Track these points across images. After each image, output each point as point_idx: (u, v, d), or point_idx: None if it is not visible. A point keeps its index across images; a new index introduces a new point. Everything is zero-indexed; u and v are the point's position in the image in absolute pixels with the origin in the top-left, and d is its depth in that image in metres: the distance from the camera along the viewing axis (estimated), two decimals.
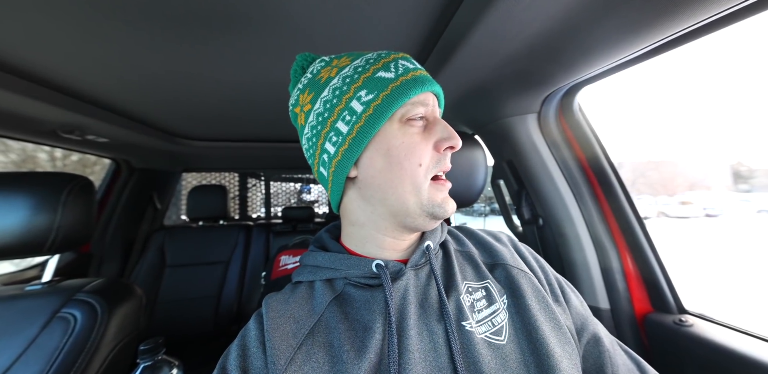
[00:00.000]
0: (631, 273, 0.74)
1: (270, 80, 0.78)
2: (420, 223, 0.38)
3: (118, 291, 0.71)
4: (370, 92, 0.36)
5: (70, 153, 2.21)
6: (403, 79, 0.36)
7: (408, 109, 0.37)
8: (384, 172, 0.37)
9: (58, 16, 0.49)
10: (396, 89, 0.36)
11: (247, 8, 0.49)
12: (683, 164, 56.26)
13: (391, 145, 0.37)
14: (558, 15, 0.46)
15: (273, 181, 3.18)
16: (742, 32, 15.77)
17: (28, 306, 0.62)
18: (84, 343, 0.60)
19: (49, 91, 0.76)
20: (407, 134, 0.37)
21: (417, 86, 0.37)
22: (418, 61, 0.51)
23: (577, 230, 0.79)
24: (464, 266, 0.43)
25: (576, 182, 0.79)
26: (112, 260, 1.48)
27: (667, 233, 11.25)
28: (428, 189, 0.38)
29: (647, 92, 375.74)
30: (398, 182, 0.37)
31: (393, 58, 0.38)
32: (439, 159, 0.38)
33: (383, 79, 0.36)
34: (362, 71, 0.37)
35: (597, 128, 0.77)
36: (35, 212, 0.63)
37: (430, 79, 0.39)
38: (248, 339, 0.35)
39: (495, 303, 0.39)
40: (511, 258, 0.44)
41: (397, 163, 0.36)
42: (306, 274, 0.42)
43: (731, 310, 4.17)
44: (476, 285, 0.40)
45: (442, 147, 0.38)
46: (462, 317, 0.36)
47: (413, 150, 0.37)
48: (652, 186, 34.56)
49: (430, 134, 0.38)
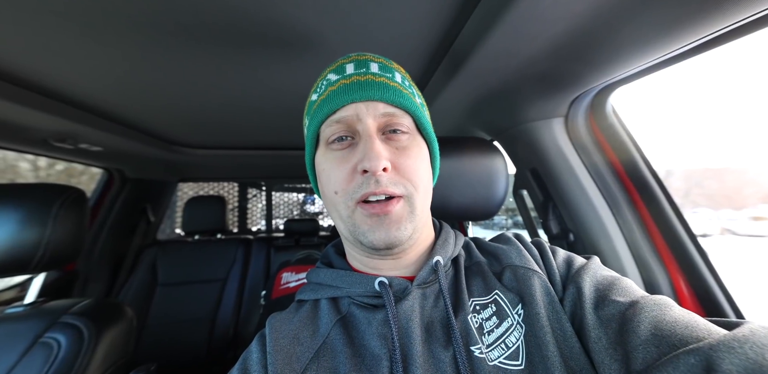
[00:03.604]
0: (685, 297, 0.71)
1: (272, 87, 0.82)
2: (367, 250, 0.40)
3: (108, 313, 0.73)
4: (307, 118, 0.42)
5: (55, 163, 2.32)
6: (321, 99, 0.39)
7: (325, 131, 0.39)
8: (322, 196, 0.42)
9: (54, 23, 0.53)
10: (315, 112, 0.40)
11: (246, 17, 0.52)
12: (753, 171, 53.31)
13: (319, 170, 0.41)
14: (587, 12, 0.46)
15: (274, 191, 3.24)
16: None
17: (8, 330, 0.63)
18: (67, 372, 0.61)
19: (41, 98, 0.79)
20: (327, 160, 0.39)
21: (328, 103, 0.38)
22: (431, 65, 0.53)
23: (614, 246, 0.77)
24: (472, 280, 0.43)
25: (611, 191, 0.78)
26: (99, 279, 1.52)
27: (737, 254, 10.55)
28: (352, 215, 0.38)
29: (700, 89, 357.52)
30: (330, 209, 0.41)
31: (326, 72, 0.42)
32: (361, 183, 0.36)
33: (311, 103, 0.42)
34: (310, 95, 0.44)
35: (637, 132, 0.76)
36: (23, 227, 0.64)
37: (356, 86, 0.38)
38: (250, 363, 0.36)
39: (507, 318, 0.38)
40: (518, 257, 0.43)
41: (321, 189, 0.41)
42: (309, 292, 0.43)
43: None
44: (484, 301, 0.40)
45: (359, 170, 0.36)
46: (470, 341, 0.36)
47: (329, 177, 0.39)
48: (711, 198, 32.92)
49: (353, 154, 0.37)
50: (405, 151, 0.38)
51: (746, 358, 0.23)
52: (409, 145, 0.39)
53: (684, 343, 0.27)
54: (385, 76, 0.40)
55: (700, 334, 0.28)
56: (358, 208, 0.37)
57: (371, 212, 0.36)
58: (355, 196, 0.36)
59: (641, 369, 0.28)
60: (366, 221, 0.37)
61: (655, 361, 0.28)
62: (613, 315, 0.33)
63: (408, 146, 0.39)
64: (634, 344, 0.30)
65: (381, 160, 0.35)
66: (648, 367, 0.28)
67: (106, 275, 1.56)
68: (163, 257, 1.63)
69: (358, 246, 0.40)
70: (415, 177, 0.38)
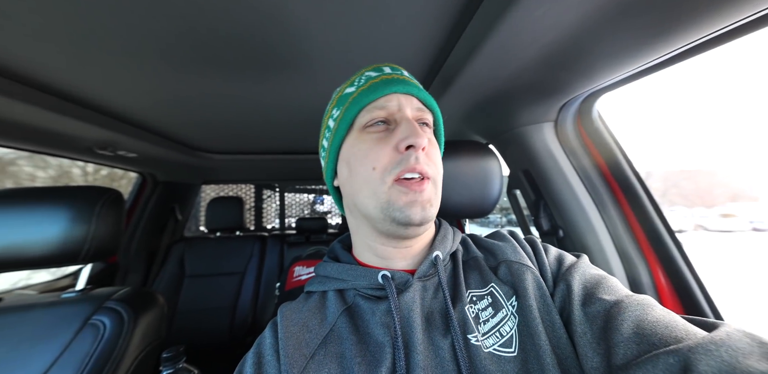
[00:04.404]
0: (663, 288, 0.71)
1: (284, 100, 0.85)
2: (392, 229, 0.38)
3: (143, 299, 0.75)
4: (338, 109, 0.41)
5: (100, 168, 2.40)
6: (361, 90, 0.40)
7: (364, 116, 0.39)
8: (348, 180, 0.40)
9: (98, 47, 0.56)
10: (353, 101, 0.40)
11: (269, 40, 0.55)
12: (723, 173, 52.82)
13: (350, 153, 0.40)
14: (573, 24, 0.46)
15: (287, 192, 3.25)
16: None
17: (64, 312, 0.67)
18: (112, 350, 0.64)
19: (87, 111, 0.83)
20: (364, 141, 0.39)
21: (372, 93, 0.39)
22: (429, 75, 0.54)
23: (600, 241, 0.76)
24: (469, 273, 0.42)
25: (597, 191, 0.77)
26: (136, 271, 1.56)
27: (708, 248, 10.47)
28: (388, 192, 0.37)
29: (678, 96, 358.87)
30: (358, 189, 0.39)
31: (363, 72, 0.43)
32: (400, 160, 0.37)
33: (347, 94, 0.41)
34: (338, 91, 0.43)
35: (621, 135, 0.76)
36: (72, 224, 0.68)
37: (398, 81, 0.39)
38: (263, 347, 0.36)
39: (501, 309, 0.37)
40: (513, 253, 0.43)
41: (354, 169, 0.39)
42: (317, 284, 0.43)
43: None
44: (480, 293, 0.40)
45: (401, 147, 0.37)
46: (467, 329, 0.35)
47: (366, 155, 0.38)
48: (686, 197, 32.64)
49: (392, 135, 0.38)
50: (430, 141, 0.41)
51: (722, 361, 0.23)
52: (431, 138, 0.42)
53: (663, 343, 0.27)
54: (415, 80, 0.43)
55: (678, 334, 0.27)
56: (394, 185, 0.37)
57: (410, 188, 0.36)
58: (395, 171, 0.36)
59: (621, 364, 0.28)
60: (402, 197, 0.36)
61: (635, 358, 0.28)
62: (598, 313, 0.33)
63: (431, 139, 0.42)
64: (616, 340, 0.30)
65: (424, 137, 0.36)
66: (628, 363, 0.28)
67: (142, 267, 1.59)
68: (190, 252, 1.65)
69: (387, 225, 0.38)
70: (439, 164, 0.41)
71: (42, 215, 0.66)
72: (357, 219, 0.42)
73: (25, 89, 0.67)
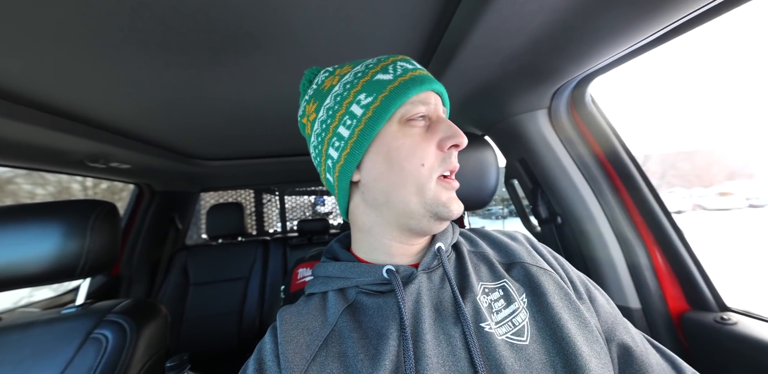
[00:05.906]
0: (661, 270, 0.71)
1: (277, 96, 0.81)
2: (425, 225, 0.38)
3: (145, 311, 0.74)
4: (369, 95, 0.37)
5: (100, 182, 2.38)
6: (401, 80, 0.37)
7: (407, 109, 0.37)
8: (385, 174, 0.37)
9: (74, 53, 0.54)
10: (394, 90, 0.36)
11: (250, 29, 0.52)
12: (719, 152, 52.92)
13: (391, 146, 0.37)
14: (561, 6, 0.45)
15: (287, 195, 3.24)
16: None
17: (65, 328, 0.66)
18: (116, 363, 0.63)
19: (74, 124, 0.81)
20: (407, 135, 0.37)
21: (415, 86, 0.37)
22: (421, 64, 0.52)
23: (598, 226, 0.76)
24: (478, 266, 0.42)
25: (594, 176, 0.76)
26: (140, 282, 1.55)
27: (706, 226, 10.54)
28: (433, 189, 0.37)
29: (670, 77, 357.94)
30: (401, 184, 0.37)
31: (392, 61, 0.39)
32: (444, 158, 0.38)
33: (382, 81, 0.37)
34: (362, 76, 0.38)
35: (616, 120, 0.75)
36: (67, 239, 0.67)
37: (431, 78, 0.39)
38: (264, 353, 0.36)
39: (514, 302, 0.38)
40: (529, 256, 0.43)
41: (397, 164, 0.37)
42: (318, 285, 0.42)
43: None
44: (492, 286, 0.39)
45: (445, 146, 0.37)
46: (480, 318, 0.35)
47: (414, 150, 0.37)
48: (684, 178, 32.73)
49: (433, 133, 0.38)
50: None
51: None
52: None
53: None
54: None
55: None
56: (439, 182, 0.38)
57: (451, 184, 0.39)
58: (440, 169, 0.38)
59: None
60: (445, 193, 0.38)
61: None
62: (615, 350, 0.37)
63: None
64: None
65: (465, 137, 0.38)
66: None
67: (146, 278, 1.58)
68: (193, 260, 1.65)
69: (424, 221, 0.38)
70: None
71: (35, 231, 0.65)
72: (380, 216, 0.40)
73: (5, 104, 0.65)
